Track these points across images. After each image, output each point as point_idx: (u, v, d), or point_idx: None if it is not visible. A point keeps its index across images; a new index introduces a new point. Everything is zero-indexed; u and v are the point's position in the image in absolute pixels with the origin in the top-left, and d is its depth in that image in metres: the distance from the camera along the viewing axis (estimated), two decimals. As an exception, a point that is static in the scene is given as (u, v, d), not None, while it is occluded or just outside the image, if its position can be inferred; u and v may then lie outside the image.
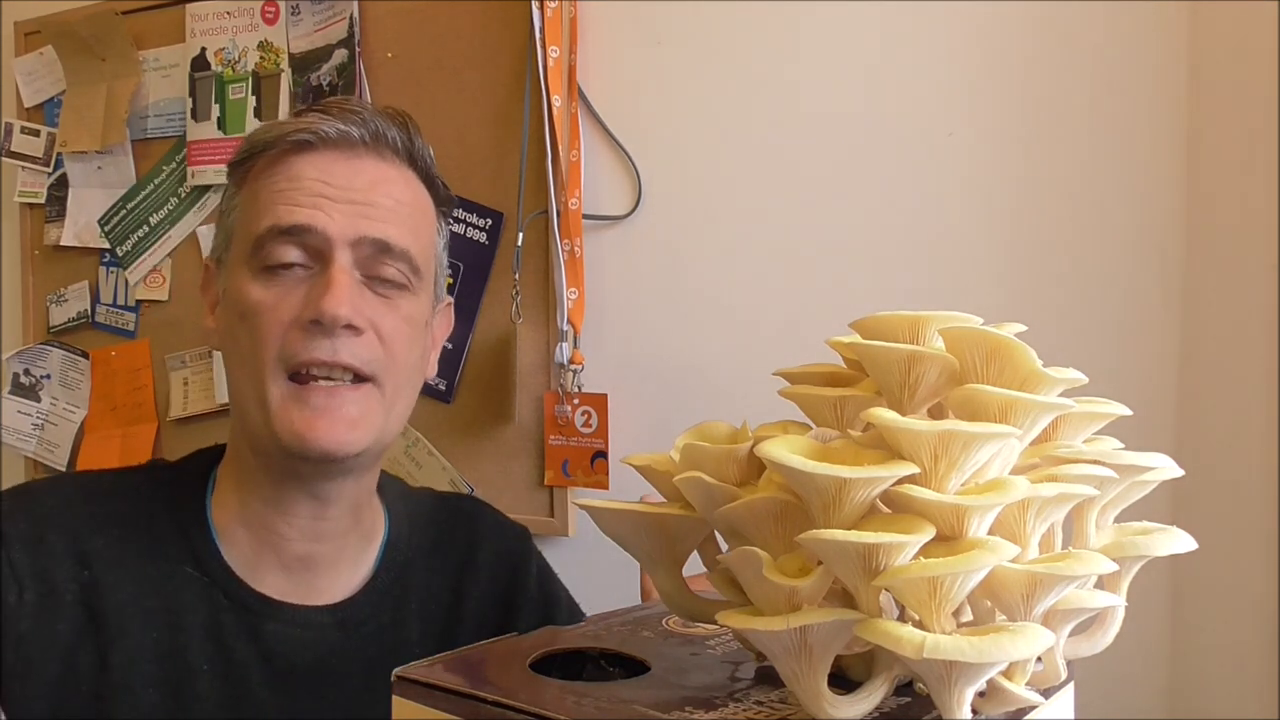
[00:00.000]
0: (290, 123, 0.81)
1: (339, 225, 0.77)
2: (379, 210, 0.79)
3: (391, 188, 0.81)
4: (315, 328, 0.75)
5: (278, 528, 0.82)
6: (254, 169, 0.81)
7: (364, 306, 0.77)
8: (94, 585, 0.78)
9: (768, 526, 0.50)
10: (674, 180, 1.24)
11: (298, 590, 0.83)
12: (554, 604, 0.95)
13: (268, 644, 0.80)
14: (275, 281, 0.77)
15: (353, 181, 0.79)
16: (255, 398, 0.77)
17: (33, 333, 1.73)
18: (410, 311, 0.81)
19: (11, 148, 1.71)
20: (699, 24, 1.22)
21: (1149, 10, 1.01)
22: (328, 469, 0.79)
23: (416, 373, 0.84)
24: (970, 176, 1.09)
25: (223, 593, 0.80)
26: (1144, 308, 1.03)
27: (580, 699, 0.51)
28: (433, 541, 0.91)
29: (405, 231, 0.80)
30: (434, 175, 0.86)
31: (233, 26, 1.53)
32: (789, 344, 1.15)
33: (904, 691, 0.52)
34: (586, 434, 1.26)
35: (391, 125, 0.82)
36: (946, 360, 0.50)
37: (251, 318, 0.77)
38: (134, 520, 0.81)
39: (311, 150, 0.79)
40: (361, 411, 0.77)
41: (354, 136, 0.80)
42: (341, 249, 0.77)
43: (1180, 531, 0.54)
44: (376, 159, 0.81)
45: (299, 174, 0.79)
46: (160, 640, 0.78)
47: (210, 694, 0.78)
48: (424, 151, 0.84)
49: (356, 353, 0.76)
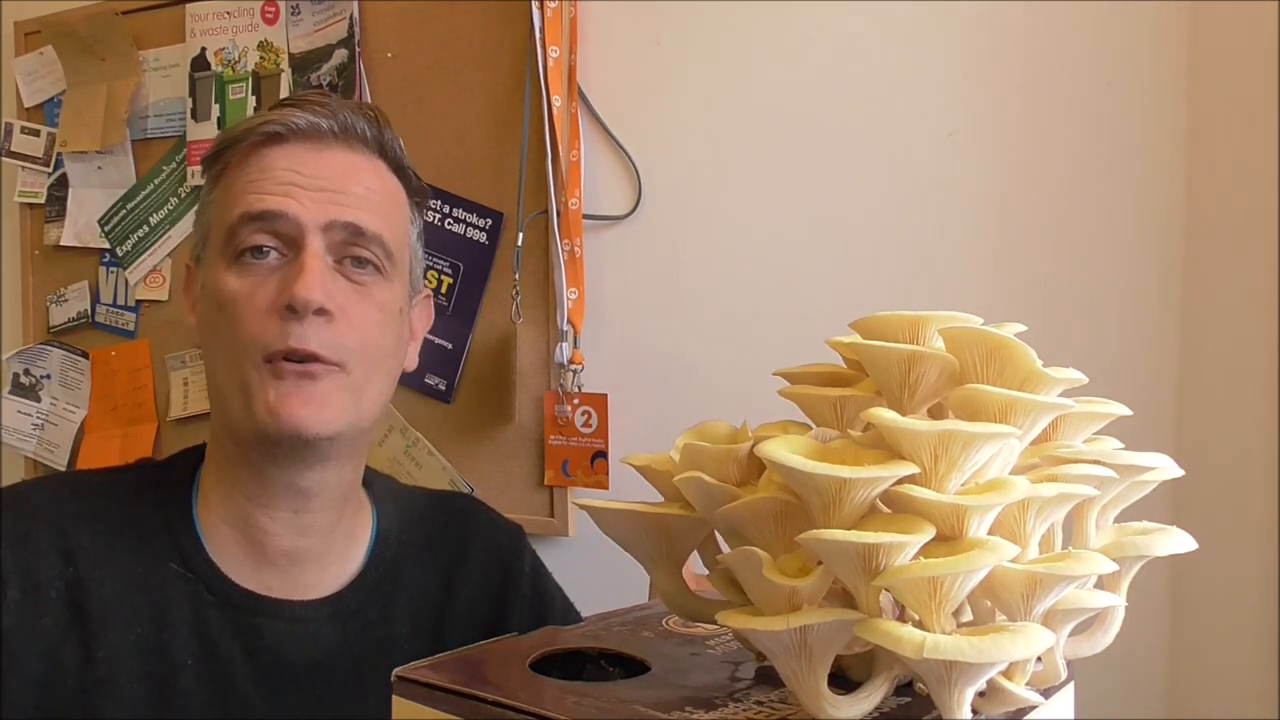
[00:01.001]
0: (260, 116, 0.82)
1: (310, 211, 0.78)
2: (350, 197, 0.80)
3: (362, 176, 0.82)
4: (289, 314, 0.76)
5: (260, 522, 0.82)
6: (227, 165, 0.82)
7: (335, 292, 0.78)
8: (79, 582, 0.78)
9: (768, 526, 0.50)
10: (674, 180, 1.24)
11: (284, 585, 0.83)
12: (548, 603, 0.95)
13: (253, 639, 0.81)
14: (249, 271, 0.78)
15: (322, 170, 0.80)
16: (235, 384, 0.78)
17: (33, 333, 1.73)
18: (383, 299, 0.82)
19: (11, 148, 1.71)
20: (699, 24, 1.22)
21: (1149, 10, 1.01)
22: (304, 454, 0.79)
23: (390, 359, 0.84)
24: (970, 176, 1.09)
25: (207, 588, 0.81)
26: (1144, 308, 1.03)
27: (580, 699, 0.51)
28: (425, 539, 0.91)
29: (377, 217, 0.81)
30: (405, 165, 0.87)
31: (233, 26, 1.53)
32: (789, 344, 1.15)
33: (904, 691, 0.52)
34: (586, 434, 1.26)
35: (360, 118, 0.83)
36: (946, 360, 0.50)
37: (229, 307, 0.78)
38: (120, 517, 0.82)
39: (281, 142, 0.80)
40: (328, 393, 0.78)
41: (323, 128, 0.81)
42: (313, 234, 0.78)
43: (1180, 531, 0.54)
44: (346, 149, 0.82)
45: (270, 164, 0.80)
46: (145, 636, 0.78)
47: (195, 689, 0.78)
48: (393, 143, 0.85)
49: (324, 339, 0.77)
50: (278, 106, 0.83)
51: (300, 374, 0.77)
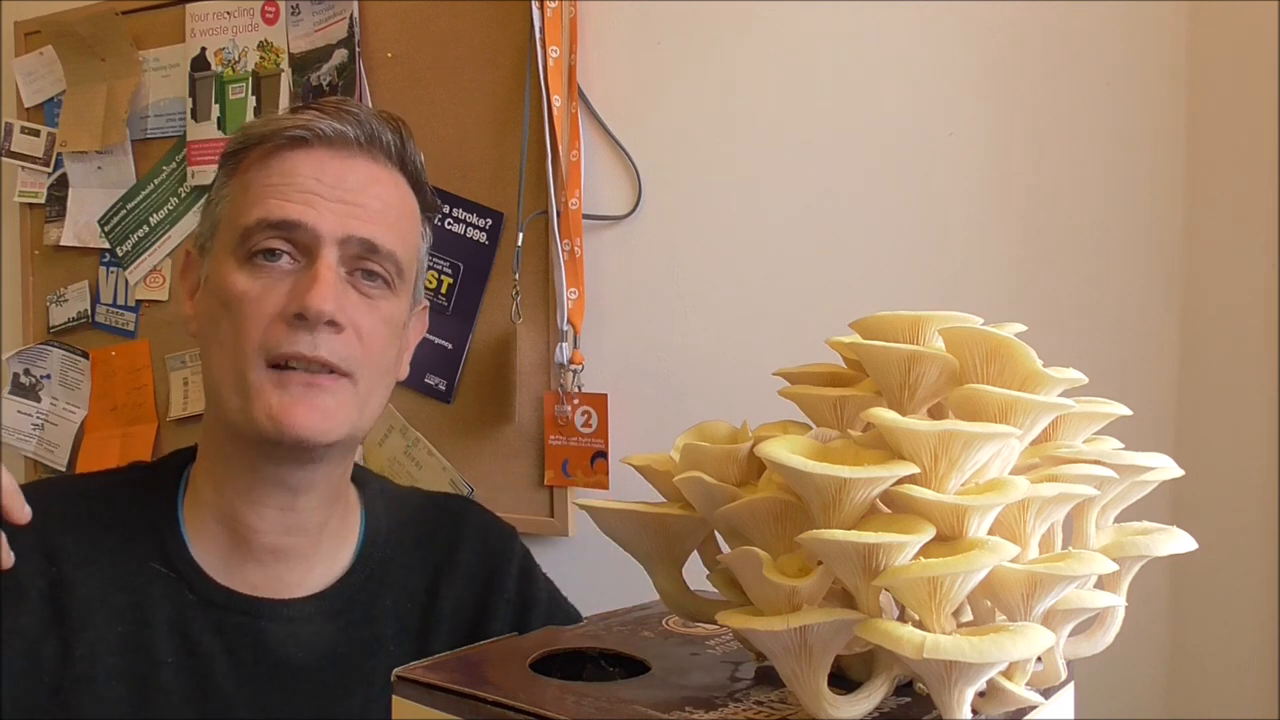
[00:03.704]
0: (287, 118, 0.82)
1: (329, 223, 0.78)
2: (368, 211, 0.80)
3: (381, 189, 0.82)
4: (298, 321, 0.76)
5: (248, 519, 0.82)
6: (246, 160, 0.82)
7: (346, 304, 0.79)
8: (61, 581, 0.79)
9: (768, 526, 0.50)
10: (674, 180, 1.24)
11: (270, 585, 0.83)
12: (529, 607, 0.93)
13: (234, 638, 0.81)
14: (261, 273, 0.78)
15: (344, 180, 0.80)
16: (234, 383, 0.78)
17: (33, 333, 1.73)
18: (390, 313, 0.82)
19: (11, 148, 1.71)
20: (699, 24, 1.22)
21: (1149, 10, 1.01)
22: (300, 456, 0.79)
23: (390, 373, 0.85)
24: (970, 176, 1.09)
25: (189, 588, 0.81)
26: (1144, 308, 1.03)
27: (580, 699, 0.51)
28: (414, 540, 0.92)
29: (392, 234, 0.81)
30: (423, 181, 0.87)
31: (233, 26, 1.53)
32: (789, 344, 1.15)
33: (904, 691, 0.52)
34: (586, 434, 1.26)
35: (386, 129, 0.83)
36: (946, 360, 0.50)
37: (235, 306, 0.78)
38: (106, 519, 0.83)
39: (306, 147, 0.80)
40: (337, 403, 0.78)
41: (349, 136, 0.81)
42: (329, 246, 0.78)
43: (1180, 531, 0.54)
44: (369, 160, 0.82)
45: (292, 169, 0.80)
46: (125, 634, 0.79)
47: (174, 687, 0.79)
48: (415, 157, 0.86)
49: (335, 349, 0.78)
50: (304, 109, 0.82)
51: (308, 384, 0.77)
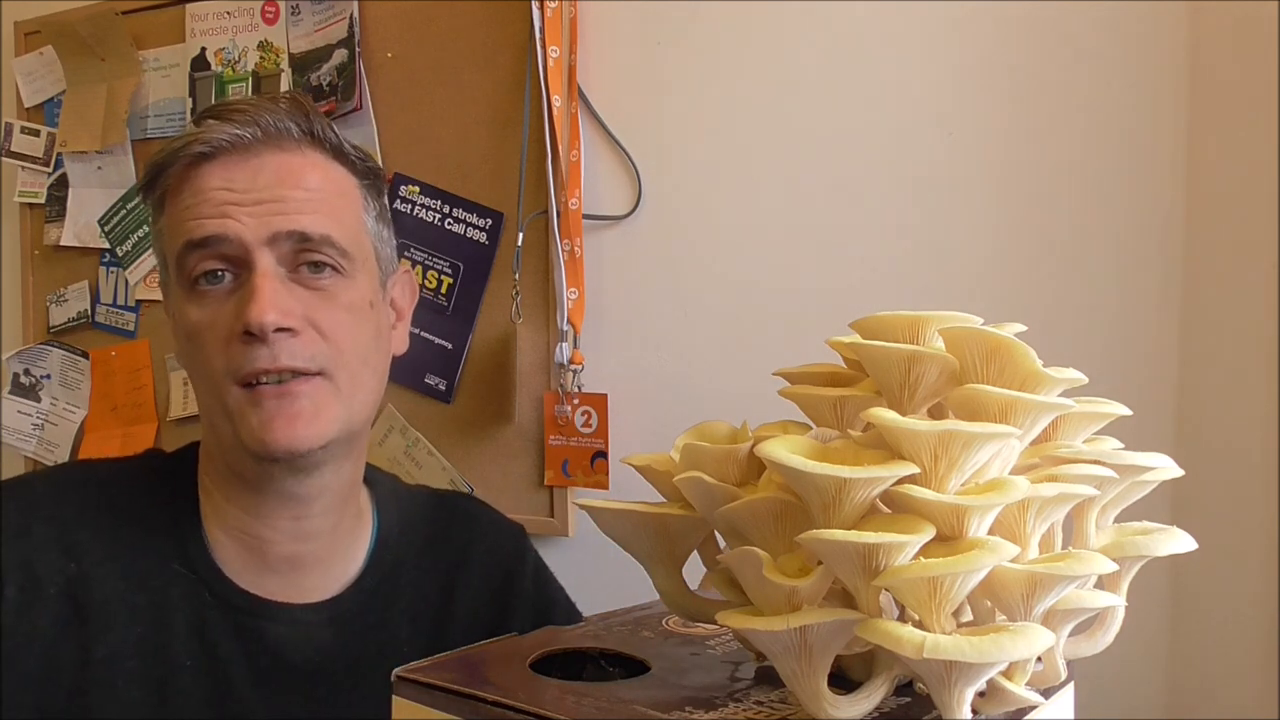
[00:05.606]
0: (182, 137, 0.79)
1: (251, 228, 0.76)
2: (290, 203, 0.77)
3: (299, 177, 0.79)
4: (250, 338, 0.75)
5: (259, 532, 0.82)
6: (162, 190, 0.80)
7: (295, 306, 0.76)
8: (81, 578, 0.78)
9: (768, 526, 0.50)
10: (674, 180, 1.24)
11: (287, 589, 0.83)
12: (551, 605, 0.94)
13: (252, 641, 0.80)
14: (207, 300, 0.77)
15: (256, 181, 0.77)
16: (219, 410, 0.78)
17: (33, 333, 1.73)
18: (349, 298, 0.79)
19: (11, 148, 1.70)
20: (699, 24, 1.21)
21: (1149, 10, 1.01)
22: (298, 465, 0.78)
23: (374, 355, 0.82)
24: (970, 176, 1.09)
25: (209, 590, 0.81)
26: (1144, 308, 1.03)
27: (580, 699, 0.51)
28: (426, 540, 0.91)
29: (322, 218, 0.78)
30: (345, 150, 0.83)
31: (233, 26, 1.53)
32: (789, 344, 1.15)
33: (904, 691, 0.52)
34: (586, 434, 1.26)
35: (284, 115, 0.80)
36: (946, 360, 0.50)
37: (195, 338, 0.77)
38: (126, 512, 0.81)
39: (209, 160, 0.78)
40: (316, 405, 0.77)
41: (247, 138, 0.78)
42: (259, 251, 0.76)
43: (1180, 531, 0.54)
44: (276, 152, 0.79)
45: (203, 185, 0.77)
46: (144, 636, 0.78)
47: (193, 690, 0.78)
48: (326, 130, 0.82)
49: (296, 353, 0.76)
50: (201, 118, 0.80)
51: (280, 394, 0.75)
